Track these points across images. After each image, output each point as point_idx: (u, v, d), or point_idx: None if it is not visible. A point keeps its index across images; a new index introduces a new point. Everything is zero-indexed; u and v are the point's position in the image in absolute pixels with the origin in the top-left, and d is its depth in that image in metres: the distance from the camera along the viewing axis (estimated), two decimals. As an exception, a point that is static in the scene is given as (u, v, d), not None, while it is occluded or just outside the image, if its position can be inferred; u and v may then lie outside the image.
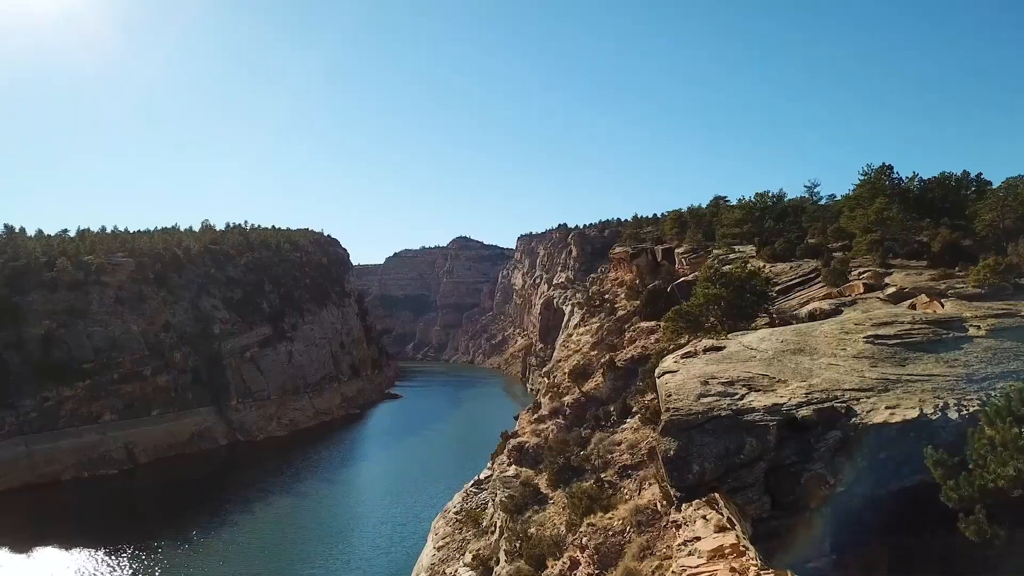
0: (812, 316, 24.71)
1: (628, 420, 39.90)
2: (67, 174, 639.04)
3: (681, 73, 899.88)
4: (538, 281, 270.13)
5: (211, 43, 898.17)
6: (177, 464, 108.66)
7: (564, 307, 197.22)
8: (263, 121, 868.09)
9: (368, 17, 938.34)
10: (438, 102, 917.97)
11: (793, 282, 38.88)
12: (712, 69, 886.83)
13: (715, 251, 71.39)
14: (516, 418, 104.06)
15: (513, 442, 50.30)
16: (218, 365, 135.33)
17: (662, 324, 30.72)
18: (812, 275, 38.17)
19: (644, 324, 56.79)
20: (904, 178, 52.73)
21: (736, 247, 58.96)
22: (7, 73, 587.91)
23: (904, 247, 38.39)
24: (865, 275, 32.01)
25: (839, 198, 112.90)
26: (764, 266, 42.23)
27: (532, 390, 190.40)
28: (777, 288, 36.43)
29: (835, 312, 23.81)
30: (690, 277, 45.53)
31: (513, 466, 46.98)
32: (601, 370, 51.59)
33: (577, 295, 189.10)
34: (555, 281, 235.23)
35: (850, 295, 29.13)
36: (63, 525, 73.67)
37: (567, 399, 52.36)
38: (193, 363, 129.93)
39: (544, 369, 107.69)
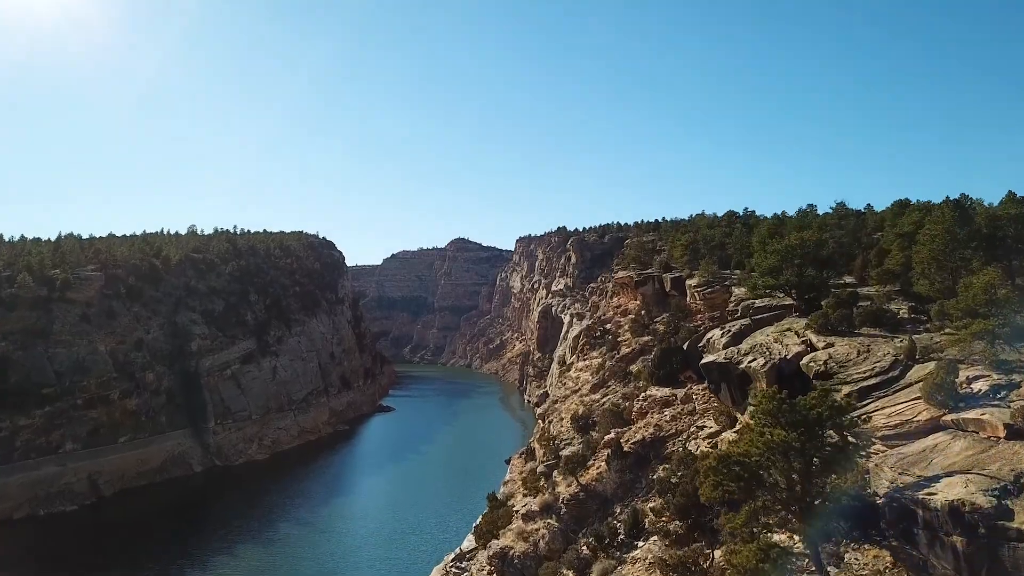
0: (958, 515, 16.05)
1: (640, 544, 31.64)
2: (63, 175, 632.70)
3: (685, 74, 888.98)
4: (536, 286, 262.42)
5: (210, 44, 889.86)
6: (144, 497, 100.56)
7: (563, 316, 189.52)
8: (262, 122, 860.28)
9: (369, 17, 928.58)
10: (438, 103, 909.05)
11: (867, 380, 29.32)
12: (716, 71, 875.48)
13: (736, 290, 63.05)
14: (508, 462, 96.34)
15: (496, 545, 41.91)
16: (195, 384, 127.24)
17: (701, 478, 22.45)
18: (893, 371, 29.01)
19: (657, 392, 48.31)
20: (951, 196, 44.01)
21: (764, 293, 50.47)
22: (5, 73, 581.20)
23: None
24: (979, 382, 23.35)
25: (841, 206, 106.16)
26: (816, 341, 33.83)
27: (528, 401, 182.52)
28: (844, 390, 27.70)
29: (1001, 515, 15.08)
30: (719, 357, 36.86)
31: (494, 579, 38.87)
32: (605, 453, 43.30)
33: (576, 304, 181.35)
34: (554, 288, 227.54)
35: (984, 435, 20.72)
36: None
37: (562, 492, 43.94)
38: (168, 383, 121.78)
39: (539, 409, 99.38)
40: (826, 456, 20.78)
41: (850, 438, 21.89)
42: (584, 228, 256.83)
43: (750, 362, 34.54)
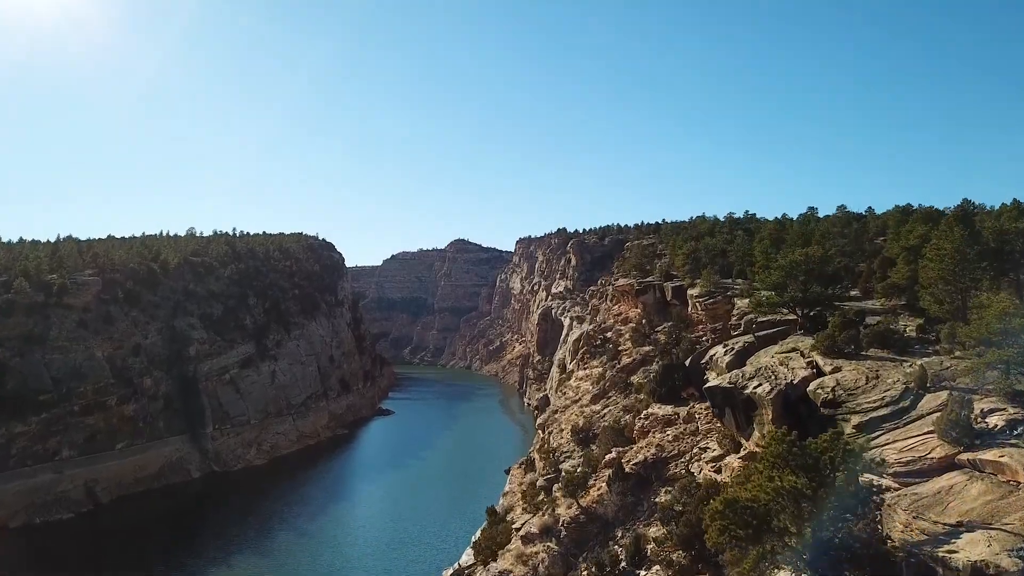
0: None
1: (642, 573, 30.92)
2: (63, 176, 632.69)
3: (685, 74, 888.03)
4: (536, 288, 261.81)
5: (210, 44, 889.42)
6: (141, 504, 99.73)
7: (563, 319, 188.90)
8: (262, 122, 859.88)
9: (369, 17, 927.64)
10: (438, 103, 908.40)
11: (877, 411, 28.27)
12: (716, 71, 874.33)
13: (738, 302, 62.25)
14: (507, 471, 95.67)
15: (495, 568, 41.31)
16: (193, 389, 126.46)
17: (707, 522, 21.78)
18: (904, 401, 28.15)
19: (659, 411, 47.55)
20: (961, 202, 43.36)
21: (768, 308, 49.68)
22: (5, 73, 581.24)
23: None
24: (994, 416, 22.68)
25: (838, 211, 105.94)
26: (823, 364, 33.05)
27: (528, 404, 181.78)
28: (854, 420, 26.96)
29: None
30: (723, 381, 35.98)
31: (495, 606, 38.23)
32: (606, 474, 42.59)
33: (576, 308, 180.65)
34: (554, 290, 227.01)
35: (1003, 479, 19.97)
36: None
37: (562, 513, 43.25)
38: (166, 389, 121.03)
39: (539, 418, 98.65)
40: (838, 500, 20.07)
41: (862, 478, 21.20)
42: (584, 230, 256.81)
43: (755, 387, 33.80)
